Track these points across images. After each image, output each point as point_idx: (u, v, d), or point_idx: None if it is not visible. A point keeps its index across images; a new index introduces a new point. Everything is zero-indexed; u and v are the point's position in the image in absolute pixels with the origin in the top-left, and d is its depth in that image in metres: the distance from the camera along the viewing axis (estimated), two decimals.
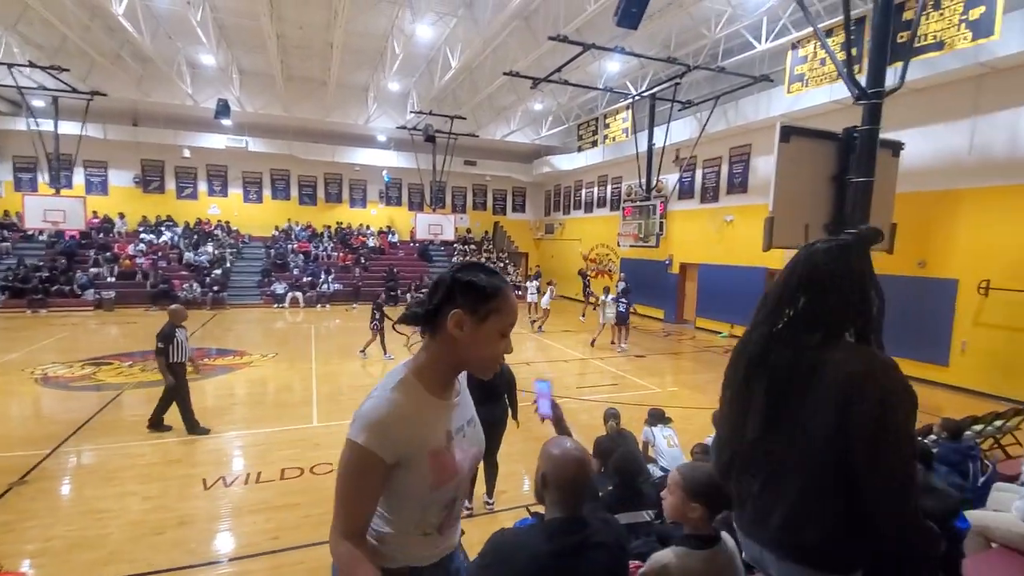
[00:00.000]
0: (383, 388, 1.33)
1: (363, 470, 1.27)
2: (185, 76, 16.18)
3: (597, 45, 10.54)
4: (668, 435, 4.75)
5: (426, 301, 1.35)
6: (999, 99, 8.96)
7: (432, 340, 1.36)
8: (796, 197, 5.10)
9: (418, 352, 1.40)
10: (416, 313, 1.35)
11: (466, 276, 1.32)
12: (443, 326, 1.31)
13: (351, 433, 1.27)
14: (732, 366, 1.66)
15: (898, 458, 1.31)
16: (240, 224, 21.96)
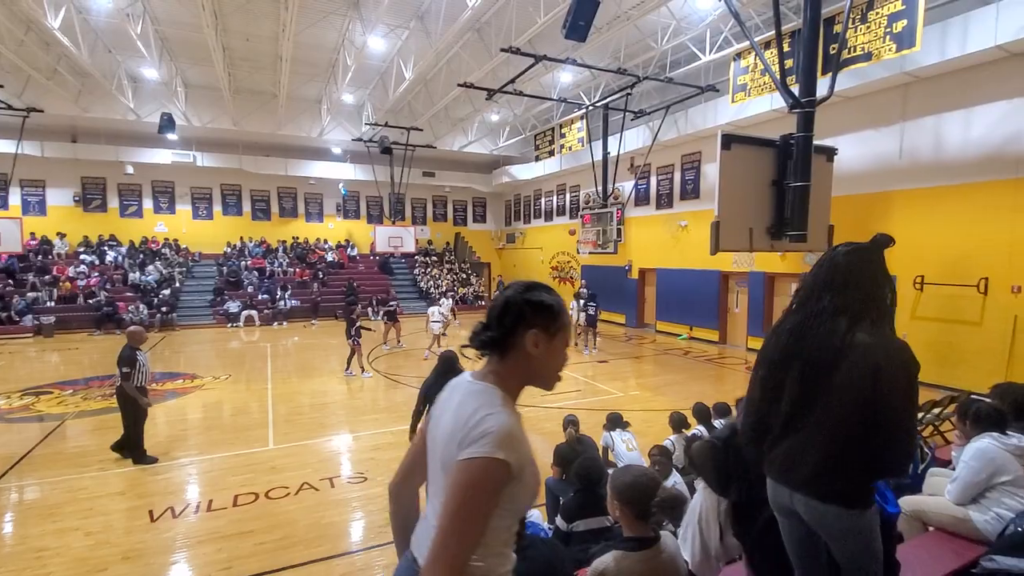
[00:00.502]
0: (491, 404, 1.29)
1: (497, 488, 1.21)
2: (126, 90, 15.56)
3: (549, 57, 10.73)
4: (627, 439, 4.81)
5: (495, 324, 1.36)
6: (924, 105, 9.58)
7: (502, 360, 1.37)
8: (740, 202, 5.31)
9: (484, 370, 1.40)
10: (492, 338, 1.36)
11: (536, 297, 1.35)
12: (516, 346, 1.34)
13: (483, 451, 1.19)
14: (767, 349, 1.99)
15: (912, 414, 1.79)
16: (189, 242, 21.15)
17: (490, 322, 1.37)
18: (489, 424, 1.23)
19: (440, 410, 1.41)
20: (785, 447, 1.89)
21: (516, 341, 1.34)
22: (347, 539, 4.58)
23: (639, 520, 1.86)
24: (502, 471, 1.20)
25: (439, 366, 4.85)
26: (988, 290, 8.65)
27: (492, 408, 1.28)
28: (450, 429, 1.29)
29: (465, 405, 1.31)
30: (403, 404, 8.74)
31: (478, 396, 1.32)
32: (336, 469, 6.05)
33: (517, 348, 1.34)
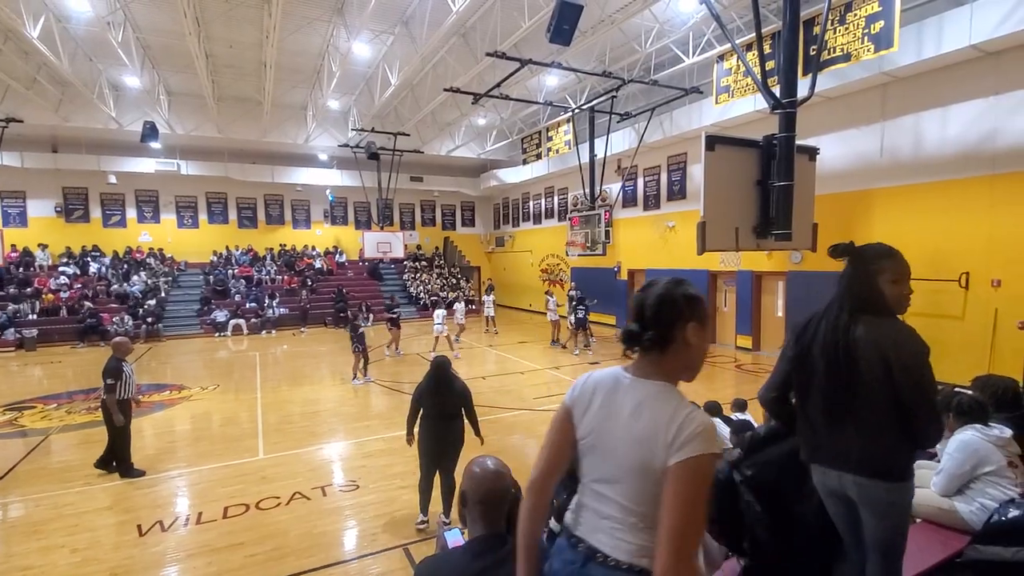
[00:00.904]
0: (683, 404, 1.37)
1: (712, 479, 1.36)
2: (108, 99, 15.37)
3: (534, 61, 10.78)
4: None
5: (654, 322, 1.41)
6: (903, 105, 9.75)
7: (663, 355, 1.43)
8: (725, 202, 5.38)
9: (644, 367, 1.46)
10: (653, 336, 1.41)
11: (689, 291, 1.43)
12: (676, 339, 1.41)
13: (702, 448, 1.28)
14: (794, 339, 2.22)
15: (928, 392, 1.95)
16: (175, 251, 20.91)
17: (646, 321, 1.42)
18: (696, 424, 1.30)
19: (606, 412, 1.46)
20: (831, 436, 2.09)
21: (675, 335, 1.41)
22: (340, 548, 4.54)
23: None
24: (717, 463, 1.40)
25: (431, 372, 4.84)
26: (969, 284, 8.81)
27: (687, 407, 1.35)
28: (646, 431, 1.35)
29: (658, 408, 1.36)
30: (395, 410, 8.71)
31: (666, 398, 1.38)
32: (328, 478, 6.01)
33: (677, 342, 1.41)
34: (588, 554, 1.41)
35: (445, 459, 4.79)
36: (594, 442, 1.48)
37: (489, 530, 1.62)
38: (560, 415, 1.59)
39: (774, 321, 12.79)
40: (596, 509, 1.45)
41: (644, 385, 1.42)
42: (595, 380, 1.55)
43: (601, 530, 1.42)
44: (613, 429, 1.43)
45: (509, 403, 8.93)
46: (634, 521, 1.37)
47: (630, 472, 1.37)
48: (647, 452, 1.33)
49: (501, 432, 7.44)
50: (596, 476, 1.47)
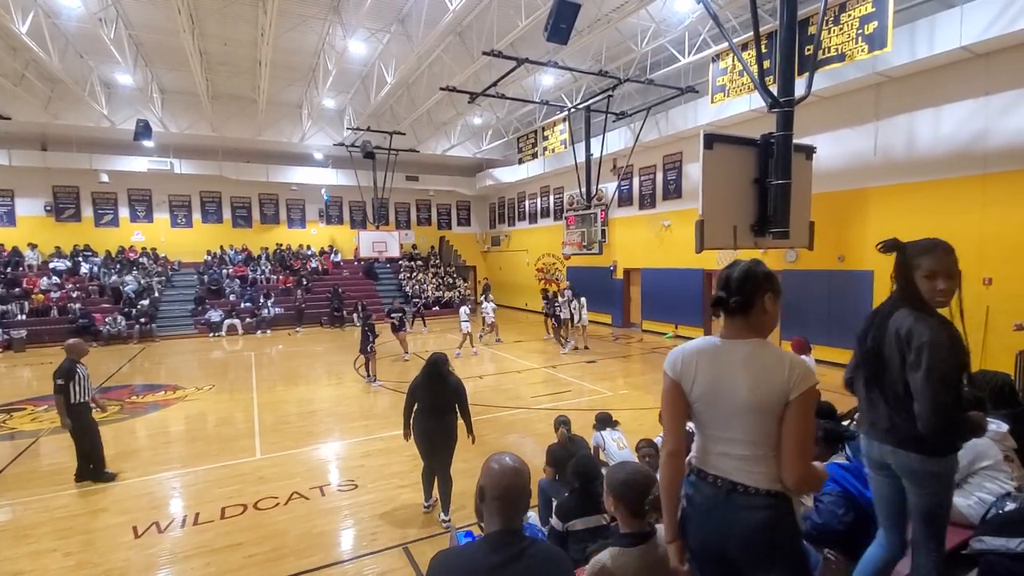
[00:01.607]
0: (780, 352, 1.75)
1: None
2: (99, 96, 15.23)
3: (531, 60, 10.77)
4: (617, 437, 4.83)
5: (738, 291, 1.77)
6: (896, 105, 9.83)
7: (746, 319, 1.78)
8: (723, 200, 5.38)
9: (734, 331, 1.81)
10: (740, 302, 1.77)
11: (766, 269, 1.80)
12: (756, 306, 1.77)
13: (811, 382, 1.66)
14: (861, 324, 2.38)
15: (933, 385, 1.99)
16: (168, 251, 20.76)
17: (732, 291, 1.78)
18: (801, 364, 1.69)
19: (715, 372, 1.78)
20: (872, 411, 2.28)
21: (755, 302, 1.76)
22: (339, 548, 4.52)
23: (634, 516, 1.87)
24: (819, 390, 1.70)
25: (427, 367, 4.86)
26: (961, 283, 8.88)
27: (787, 353, 1.74)
28: (761, 378, 1.69)
29: (764, 359, 1.72)
30: (392, 409, 8.68)
31: (767, 350, 1.76)
32: (326, 477, 5.98)
33: (756, 308, 1.77)
34: (729, 488, 1.73)
35: (438, 454, 4.81)
36: (710, 399, 1.79)
37: (506, 525, 1.61)
38: (670, 389, 1.90)
39: None
40: (723, 452, 1.77)
41: (741, 344, 1.77)
42: (693, 351, 1.86)
43: (733, 467, 1.74)
44: (726, 384, 1.74)
45: (506, 402, 8.93)
46: (762, 453, 1.69)
47: (751, 413, 1.69)
48: (765, 394, 1.67)
49: (499, 431, 7.44)
50: (718, 425, 1.78)
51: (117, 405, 9.20)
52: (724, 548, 1.75)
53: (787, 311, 12.03)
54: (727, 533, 1.72)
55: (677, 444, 1.85)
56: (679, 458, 1.86)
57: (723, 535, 1.73)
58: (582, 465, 3.46)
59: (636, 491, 1.86)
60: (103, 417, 8.40)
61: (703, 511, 1.79)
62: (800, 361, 1.70)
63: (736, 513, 1.70)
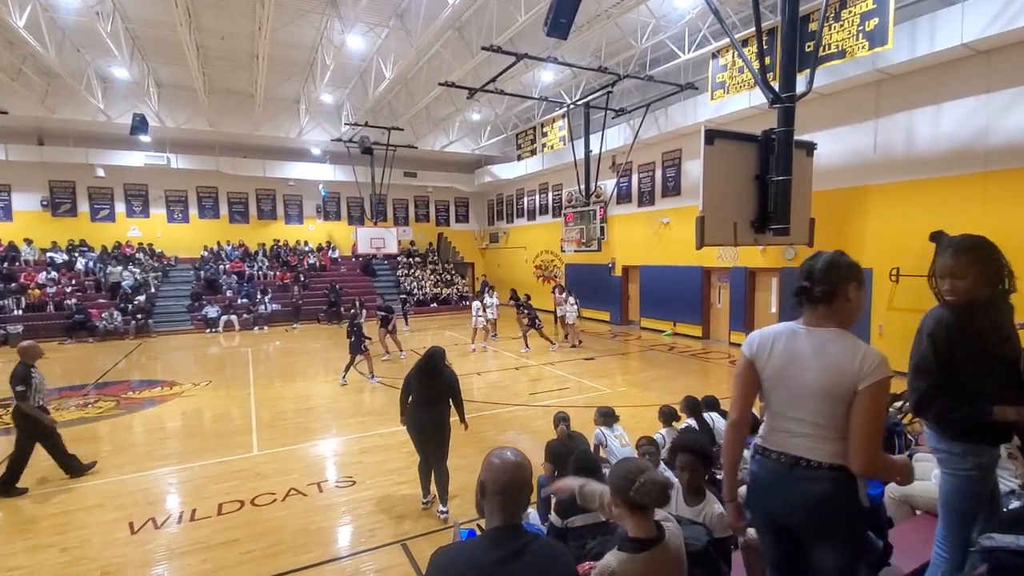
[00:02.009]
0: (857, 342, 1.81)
1: None
2: (96, 90, 15.12)
3: (530, 55, 10.72)
4: (620, 434, 4.81)
5: (824, 281, 1.84)
6: (896, 102, 9.80)
7: (829, 307, 1.85)
8: (723, 197, 5.36)
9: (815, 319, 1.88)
10: (824, 291, 1.83)
11: (850, 260, 1.87)
12: (839, 295, 1.83)
13: (884, 374, 1.74)
14: None
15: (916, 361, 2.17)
16: (164, 246, 20.66)
17: (815, 281, 1.84)
18: (875, 357, 1.75)
19: (789, 356, 1.88)
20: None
21: (839, 291, 1.82)
22: (336, 544, 4.50)
23: (635, 513, 1.82)
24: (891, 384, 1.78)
25: (423, 360, 4.91)
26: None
27: (863, 345, 1.80)
28: (833, 365, 1.77)
29: (840, 347, 1.79)
30: (390, 406, 8.64)
31: (844, 340, 1.82)
32: (323, 473, 5.95)
33: (840, 297, 1.82)
34: (792, 462, 1.84)
35: (431, 446, 4.84)
36: (780, 379, 1.89)
37: (507, 521, 1.58)
38: (744, 367, 2.01)
39: (767, 317, 12.84)
40: (788, 429, 1.88)
41: (820, 332, 1.84)
42: (771, 334, 1.97)
43: (797, 444, 1.84)
44: (799, 367, 1.84)
45: (505, 399, 8.91)
46: (826, 434, 1.79)
47: (820, 396, 1.79)
48: (836, 380, 1.75)
49: (497, 427, 7.42)
50: (785, 405, 1.89)
51: (113, 400, 9.15)
52: (788, 520, 1.87)
53: (785, 310, 12.04)
54: (790, 504, 1.83)
55: (740, 416, 2.03)
56: (741, 429, 2.04)
57: (786, 507, 1.85)
58: (582, 460, 3.43)
59: (625, 481, 1.80)
60: (99, 413, 8.40)
61: (767, 485, 1.91)
62: (875, 354, 1.76)
63: (798, 485, 1.81)
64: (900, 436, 4.11)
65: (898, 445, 4.06)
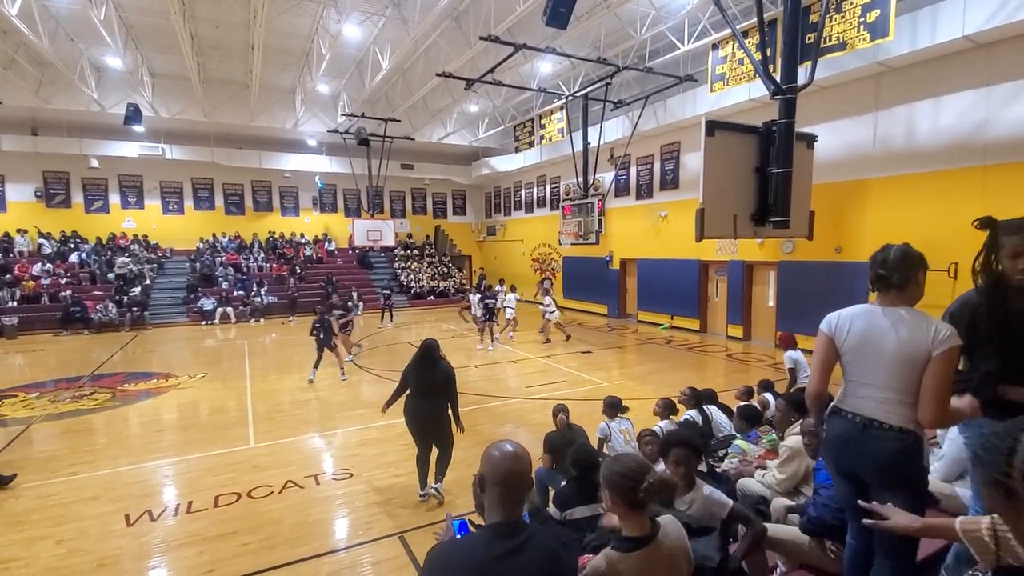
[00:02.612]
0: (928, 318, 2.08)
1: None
2: (90, 80, 14.94)
3: (529, 46, 10.62)
4: (625, 428, 4.78)
5: (901, 268, 2.13)
6: (896, 95, 9.76)
7: (900, 291, 2.15)
8: (723, 189, 5.33)
9: (888, 301, 2.17)
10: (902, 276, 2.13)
11: (918, 252, 2.15)
12: (911, 281, 2.13)
13: (953, 343, 1.99)
14: None
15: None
16: (160, 238, 20.53)
17: (892, 269, 2.14)
18: (946, 329, 2.01)
19: (867, 332, 2.18)
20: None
21: (911, 277, 2.13)
22: (333, 537, 4.48)
23: (631, 510, 1.80)
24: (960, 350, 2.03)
25: (419, 352, 4.94)
26: (958, 275, 8.89)
27: (933, 319, 2.07)
28: (910, 338, 2.05)
29: (915, 322, 2.07)
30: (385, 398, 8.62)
31: (918, 316, 2.10)
32: (320, 466, 5.93)
33: (912, 282, 2.13)
34: (865, 423, 2.13)
35: (432, 436, 4.90)
36: (859, 352, 2.19)
37: (506, 516, 1.55)
38: (824, 342, 2.31)
39: (765, 311, 12.86)
40: (865, 395, 2.16)
41: (895, 311, 2.14)
42: (849, 314, 2.27)
43: (872, 408, 2.13)
44: (878, 340, 2.13)
45: (501, 392, 8.90)
46: (899, 398, 2.07)
47: (897, 364, 2.07)
48: (912, 349, 2.03)
49: (494, 420, 7.41)
50: (862, 374, 2.18)
51: (109, 393, 9.11)
52: (856, 471, 2.17)
53: (783, 303, 12.05)
54: (860, 459, 2.14)
55: (819, 387, 2.34)
56: (820, 398, 2.36)
57: (857, 460, 2.16)
58: (581, 453, 3.41)
59: (630, 480, 1.78)
60: (94, 405, 8.35)
61: (841, 441, 2.20)
62: (946, 326, 2.02)
63: (869, 443, 2.10)
64: None
65: None
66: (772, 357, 11.20)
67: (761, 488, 3.41)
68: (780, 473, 3.19)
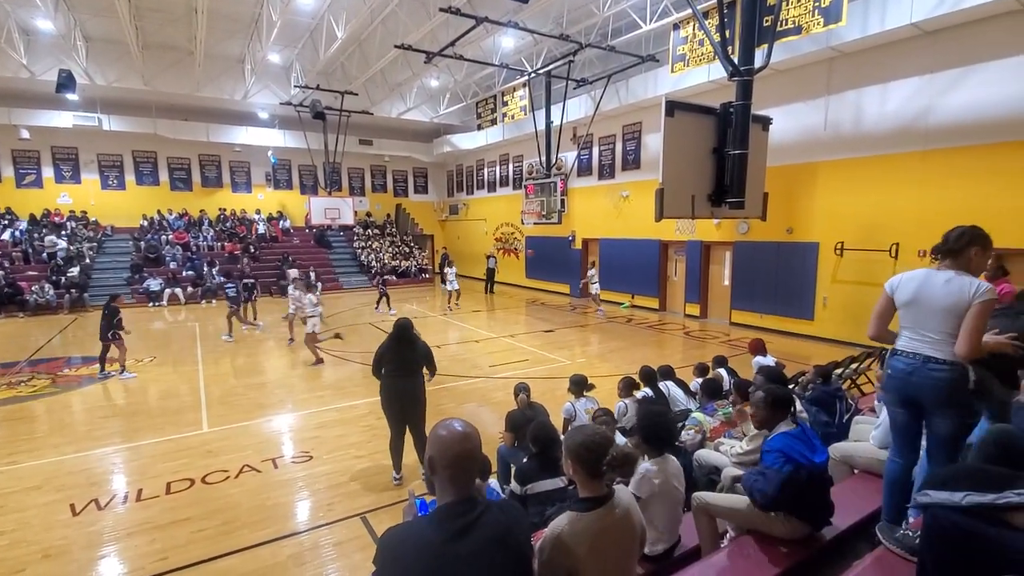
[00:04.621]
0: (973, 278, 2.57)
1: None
2: (18, 44, 13.73)
3: (490, 19, 10.38)
4: (590, 408, 4.86)
5: (955, 243, 2.62)
6: (847, 80, 10.09)
7: (955, 260, 2.63)
8: (682, 169, 5.40)
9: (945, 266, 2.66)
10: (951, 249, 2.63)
11: (977, 230, 2.62)
12: (963, 254, 2.61)
13: (989, 296, 2.48)
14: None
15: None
16: (99, 214, 19.33)
17: (951, 242, 2.63)
18: (985, 285, 2.51)
19: (921, 288, 2.66)
20: None
21: (963, 251, 2.61)
22: (294, 519, 4.42)
23: (592, 479, 1.87)
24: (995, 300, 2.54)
25: (395, 333, 4.93)
26: (898, 254, 9.39)
27: (976, 279, 2.56)
28: (956, 290, 2.54)
29: (961, 280, 2.55)
30: (346, 380, 8.52)
31: (964, 276, 2.57)
32: (279, 449, 5.81)
33: (963, 255, 2.61)
34: (924, 359, 2.61)
35: (411, 415, 4.89)
36: (916, 304, 2.67)
37: (457, 495, 1.55)
38: (883, 298, 2.85)
39: (721, 289, 13.27)
40: (919, 337, 2.65)
41: (947, 272, 2.62)
42: (909, 276, 2.76)
43: (926, 347, 2.62)
44: (931, 294, 2.61)
45: (465, 371, 8.91)
46: (945, 340, 2.56)
47: (945, 312, 2.55)
48: (957, 300, 2.52)
49: (457, 399, 7.42)
50: (918, 322, 2.66)
51: (48, 378, 8.62)
52: (916, 397, 2.65)
53: (738, 282, 12.46)
54: (922, 387, 2.60)
55: (877, 332, 2.89)
56: (878, 339, 2.92)
57: (919, 388, 2.62)
58: (539, 430, 3.48)
59: (594, 452, 1.85)
60: (33, 391, 7.89)
61: (905, 374, 2.67)
62: (985, 285, 2.52)
63: (930, 374, 2.57)
64: (842, 401, 4.33)
65: (839, 410, 4.29)
66: (727, 335, 11.61)
67: (717, 458, 3.55)
68: (748, 444, 3.30)
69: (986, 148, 8.28)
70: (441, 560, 1.45)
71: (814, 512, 2.68)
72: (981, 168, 8.35)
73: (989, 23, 8.14)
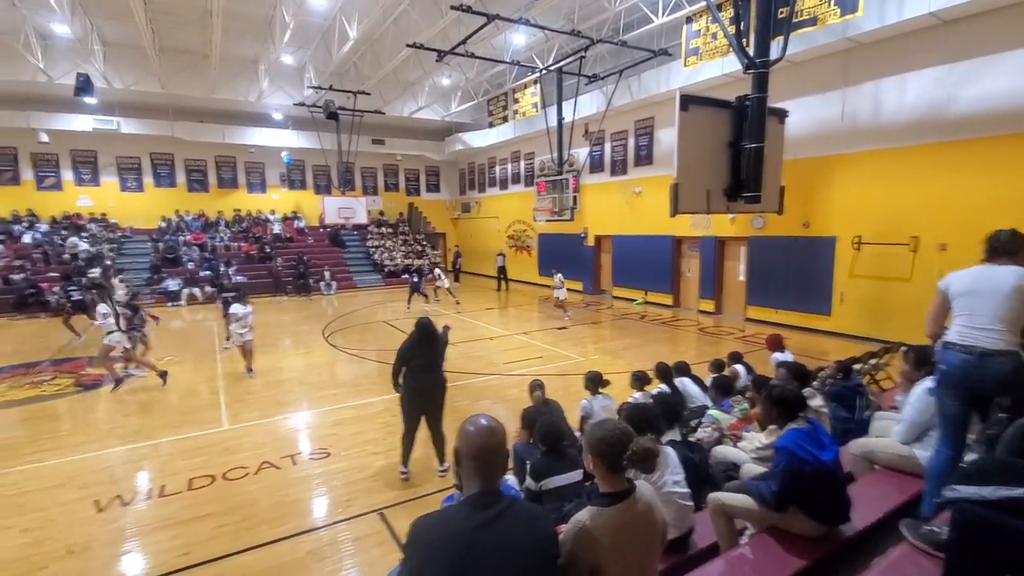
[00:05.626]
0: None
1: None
2: (35, 49, 14.00)
3: (502, 16, 10.37)
4: (607, 406, 4.84)
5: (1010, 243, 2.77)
6: (864, 71, 9.91)
7: (1010, 258, 2.74)
8: (697, 164, 5.35)
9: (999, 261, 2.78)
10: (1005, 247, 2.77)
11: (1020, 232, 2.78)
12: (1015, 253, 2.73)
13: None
14: None
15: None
16: (118, 216, 19.67)
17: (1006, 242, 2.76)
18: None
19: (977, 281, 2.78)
20: None
21: (1018, 250, 2.72)
22: (312, 515, 4.47)
23: (612, 474, 1.87)
24: None
25: (418, 332, 4.93)
26: (918, 248, 9.22)
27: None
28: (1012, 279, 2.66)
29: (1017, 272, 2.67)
30: (362, 378, 8.59)
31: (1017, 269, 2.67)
32: (296, 446, 5.88)
33: (1017, 255, 2.72)
34: (981, 352, 2.67)
35: (432, 409, 4.92)
36: (972, 294, 2.77)
37: (485, 487, 1.59)
38: (940, 298, 2.93)
39: (736, 285, 13.14)
40: (975, 327, 2.72)
41: (1006, 267, 2.73)
42: (964, 272, 2.85)
43: (983, 338, 2.68)
44: (989, 286, 2.71)
45: (479, 368, 8.93)
46: (1007, 328, 2.65)
47: (1005, 296, 2.65)
48: (1013, 290, 2.62)
49: (472, 397, 7.44)
50: (974, 313, 2.74)
51: (71, 377, 8.80)
52: (979, 387, 2.71)
53: (753, 278, 12.32)
54: (983, 377, 2.67)
55: (934, 330, 2.97)
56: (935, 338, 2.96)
57: (982, 380, 2.68)
58: (545, 428, 3.52)
59: (614, 447, 1.86)
60: (56, 390, 8.06)
61: (967, 367, 2.70)
62: None
63: (991, 366, 2.64)
64: (862, 396, 4.27)
65: (859, 405, 4.22)
66: (741, 330, 11.50)
67: (734, 454, 3.52)
68: (767, 439, 3.26)
69: (1009, 139, 8.09)
70: (470, 546, 1.49)
71: (825, 510, 2.64)
72: (1003, 159, 8.15)
73: (1010, 11, 7.95)
